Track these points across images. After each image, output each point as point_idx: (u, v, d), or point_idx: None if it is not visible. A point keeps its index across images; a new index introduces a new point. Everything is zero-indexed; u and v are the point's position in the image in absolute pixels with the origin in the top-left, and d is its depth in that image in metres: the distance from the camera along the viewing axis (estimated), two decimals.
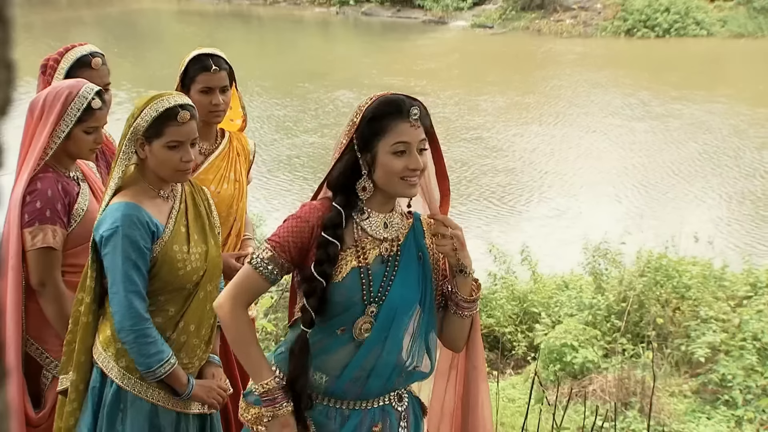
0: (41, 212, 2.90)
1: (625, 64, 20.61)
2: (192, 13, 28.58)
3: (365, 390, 2.29)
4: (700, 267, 7.49)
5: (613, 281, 7.53)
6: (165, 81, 3.49)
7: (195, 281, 2.70)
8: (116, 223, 2.56)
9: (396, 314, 2.26)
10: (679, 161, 13.36)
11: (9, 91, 0.57)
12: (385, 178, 2.22)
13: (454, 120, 15.87)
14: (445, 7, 26.19)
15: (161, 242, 2.63)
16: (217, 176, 3.29)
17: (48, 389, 3.06)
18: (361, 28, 26.93)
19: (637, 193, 12.05)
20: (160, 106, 2.60)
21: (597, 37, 23.53)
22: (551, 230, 10.49)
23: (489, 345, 7.42)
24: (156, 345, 2.59)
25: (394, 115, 2.20)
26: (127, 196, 2.63)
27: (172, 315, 2.68)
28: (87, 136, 2.99)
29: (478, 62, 21.59)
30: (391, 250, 2.30)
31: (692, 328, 6.79)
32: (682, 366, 6.70)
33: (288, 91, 17.71)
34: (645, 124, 15.38)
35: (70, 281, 3.01)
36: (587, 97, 17.54)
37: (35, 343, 3.04)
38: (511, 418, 5.71)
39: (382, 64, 20.67)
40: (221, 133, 3.40)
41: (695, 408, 6.22)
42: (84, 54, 3.31)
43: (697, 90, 17.69)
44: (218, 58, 3.24)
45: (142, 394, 2.68)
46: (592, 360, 6.57)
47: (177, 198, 2.75)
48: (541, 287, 7.86)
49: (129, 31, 24.95)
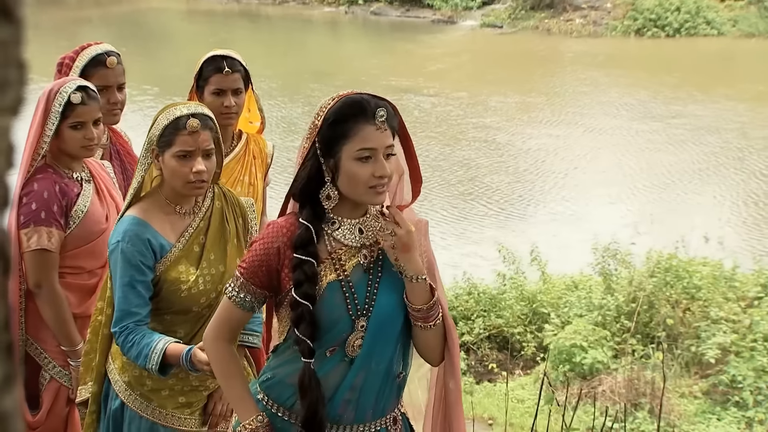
0: (36, 214, 2.87)
1: (636, 64, 20.55)
2: (201, 12, 28.63)
3: (359, 411, 2.15)
4: (710, 267, 7.46)
5: (622, 282, 7.51)
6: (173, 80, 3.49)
7: (205, 303, 2.59)
8: (118, 238, 2.51)
9: (384, 324, 2.11)
10: (690, 161, 13.31)
11: (21, 90, 0.57)
12: (350, 187, 2.05)
13: (463, 120, 15.86)
14: (454, 7, 26.15)
15: (165, 261, 2.53)
16: (231, 179, 3.25)
17: (45, 390, 3.03)
18: (370, 28, 26.93)
19: (648, 194, 12.01)
20: (171, 114, 2.51)
21: (607, 36, 23.46)
22: (560, 230, 10.47)
23: (498, 345, 7.41)
24: (136, 346, 2.46)
25: (357, 117, 2.02)
26: (139, 210, 2.55)
27: (181, 336, 2.56)
28: (75, 132, 2.92)
29: (488, 62, 21.56)
30: (371, 256, 2.14)
31: (702, 329, 6.76)
32: (692, 367, 6.68)
33: (296, 91, 17.73)
34: (656, 124, 15.33)
35: (71, 283, 2.99)
36: (597, 96, 17.49)
37: (35, 343, 3.02)
38: (520, 419, 5.70)
39: (391, 64, 20.66)
40: (238, 136, 3.36)
41: (705, 409, 6.20)
42: (99, 53, 3.26)
43: (708, 90, 17.62)
44: (233, 60, 3.21)
45: (142, 411, 2.61)
46: (602, 361, 6.55)
47: (199, 215, 2.63)
48: (551, 287, 7.84)
49: (137, 30, 25.01)
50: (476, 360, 7.26)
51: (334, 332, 2.09)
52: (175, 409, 2.63)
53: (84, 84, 2.99)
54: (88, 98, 2.95)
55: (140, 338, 2.45)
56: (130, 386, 2.61)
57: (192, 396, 2.65)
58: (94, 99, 2.98)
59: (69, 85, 2.93)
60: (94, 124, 2.97)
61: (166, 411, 2.62)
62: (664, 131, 14.91)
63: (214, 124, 2.57)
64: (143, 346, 2.44)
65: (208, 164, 2.52)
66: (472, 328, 7.42)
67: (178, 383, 2.61)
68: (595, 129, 15.22)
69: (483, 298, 7.69)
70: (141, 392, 2.60)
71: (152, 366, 2.42)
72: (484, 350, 7.31)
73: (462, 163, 13.42)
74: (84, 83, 3.00)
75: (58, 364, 3.02)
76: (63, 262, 2.96)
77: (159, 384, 2.59)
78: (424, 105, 16.79)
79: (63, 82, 2.95)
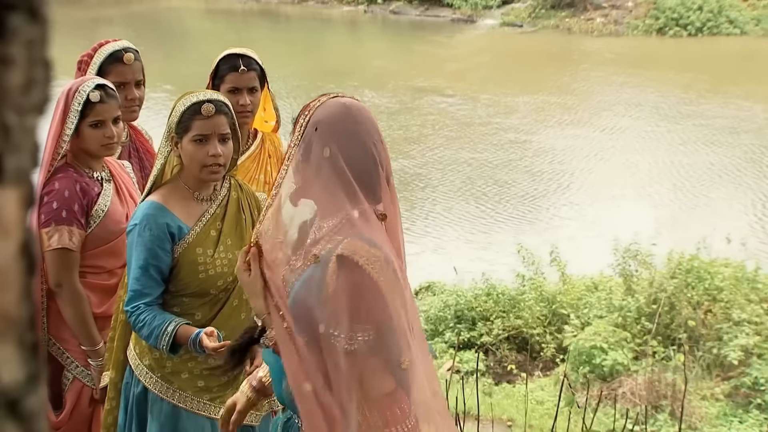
0: (57, 213, 2.88)
1: (657, 64, 20.41)
2: (220, 11, 28.74)
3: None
4: (732, 269, 7.40)
5: (643, 283, 7.45)
6: (192, 79, 3.49)
7: (221, 287, 2.66)
8: (135, 221, 2.60)
9: None
10: (712, 162, 13.21)
11: (47, 89, 0.56)
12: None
13: (482, 120, 15.81)
14: (474, 6, 26.09)
15: (183, 244, 2.62)
16: (246, 177, 3.25)
17: (68, 391, 3.04)
18: (389, 27, 26.92)
19: (669, 194, 11.93)
20: (188, 101, 2.60)
21: (628, 35, 23.33)
22: (580, 231, 10.42)
23: (517, 346, 7.38)
24: (147, 326, 2.53)
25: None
26: (158, 195, 2.64)
27: (198, 319, 2.63)
28: (95, 131, 2.93)
29: (508, 62, 21.50)
30: None
31: (724, 331, 6.71)
32: (714, 369, 6.63)
33: (315, 90, 17.75)
34: (677, 125, 15.23)
35: (92, 283, 3.00)
36: (618, 96, 17.40)
37: (57, 343, 3.03)
38: (539, 421, 5.67)
39: (410, 64, 20.65)
40: (254, 135, 3.37)
41: (727, 412, 6.15)
42: (117, 49, 3.27)
43: (730, 89, 17.48)
44: (248, 58, 3.22)
45: (163, 393, 2.65)
46: (622, 362, 6.51)
47: (217, 202, 2.71)
48: (570, 288, 7.80)
49: (156, 29, 25.14)
50: (495, 361, 7.24)
51: None
52: (195, 394, 2.67)
53: (103, 82, 2.99)
54: (107, 96, 2.95)
55: (152, 319, 2.54)
56: (152, 369, 2.66)
57: (211, 380, 2.69)
58: (113, 97, 2.99)
59: (88, 83, 2.94)
60: (114, 123, 2.97)
61: (186, 395, 2.66)
62: (686, 131, 14.81)
63: (230, 110, 2.66)
64: (154, 327, 2.53)
65: (224, 149, 2.61)
66: (490, 329, 7.40)
67: (197, 366, 2.66)
68: (615, 129, 15.14)
69: (502, 299, 7.66)
70: (162, 374, 2.65)
71: (163, 346, 2.51)
72: (503, 351, 7.28)
73: (479, 163, 13.39)
74: (103, 82, 3.00)
75: (80, 364, 3.03)
76: (83, 262, 2.97)
77: (179, 366, 2.65)
78: (443, 105, 16.77)
79: (81, 81, 2.96)
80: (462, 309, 7.52)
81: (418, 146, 14.04)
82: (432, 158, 13.57)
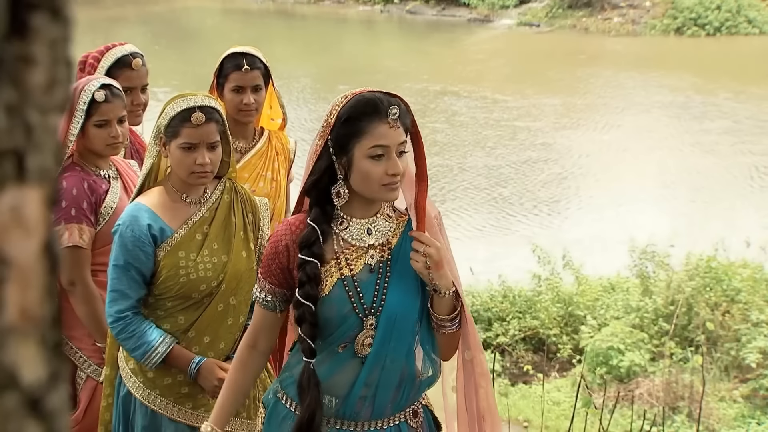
0: (66, 211, 2.88)
1: (676, 64, 20.29)
2: (236, 11, 28.81)
3: (375, 408, 2.16)
4: (750, 270, 7.36)
5: (660, 284, 7.42)
6: (207, 78, 3.49)
7: (205, 291, 2.63)
8: (119, 222, 2.60)
9: (396, 324, 2.12)
10: (730, 163, 13.11)
11: (68, 89, 0.56)
12: (363, 184, 2.07)
13: (497, 121, 15.77)
14: (491, 5, 26.02)
15: (166, 246, 2.59)
16: (253, 174, 3.28)
17: (82, 389, 3.05)
18: (406, 27, 26.91)
19: (688, 196, 11.86)
20: (179, 106, 2.56)
21: (646, 35, 23.20)
22: (597, 232, 10.37)
23: (533, 347, 7.36)
24: (135, 339, 2.56)
25: (371, 115, 2.04)
26: (145, 197, 2.62)
27: (181, 323, 2.62)
28: (100, 130, 2.94)
29: (525, 62, 21.43)
30: (380, 256, 2.16)
31: (743, 333, 6.66)
32: (732, 371, 6.58)
33: (330, 89, 17.76)
34: (696, 125, 15.14)
35: (101, 281, 2.97)
36: (634, 97, 17.31)
37: (69, 342, 3.03)
38: (556, 422, 5.66)
39: (426, 64, 20.63)
40: (260, 132, 3.39)
41: (745, 413, 6.11)
42: (125, 54, 3.30)
43: (750, 90, 17.35)
44: (252, 57, 3.22)
45: (145, 399, 2.64)
46: (639, 363, 6.48)
47: (207, 205, 2.68)
48: (587, 289, 7.77)
49: (173, 29, 25.25)
50: (511, 362, 7.21)
51: (340, 331, 2.12)
52: (177, 401, 2.65)
53: (108, 82, 3.01)
54: (113, 96, 2.96)
55: (141, 333, 2.57)
56: (135, 373, 2.65)
57: (195, 387, 2.66)
58: (119, 97, 3.00)
59: (93, 83, 2.95)
60: (119, 122, 2.99)
61: (168, 401, 2.65)
62: (706, 132, 14.71)
63: (220, 116, 2.63)
64: (143, 343, 2.56)
65: (212, 156, 2.58)
66: (507, 330, 7.37)
67: (180, 372, 2.65)
68: (635, 129, 15.05)
69: (518, 300, 7.64)
70: (144, 379, 2.64)
71: (149, 365, 2.57)
72: (519, 352, 7.26)
73: (495, 165, 13.35)
74: (108, 81, 3.02)
75: (94, 362, 3.04)
76: (93, 260, 2.97)
77: (162, 372, 2.64)
78: (458, 106, 16.74)
79: (87, 81, 2.97)
80: (478, 309, 7.51)
81: (435, 147, 14.03)
82: (450, 159, 13.55)
